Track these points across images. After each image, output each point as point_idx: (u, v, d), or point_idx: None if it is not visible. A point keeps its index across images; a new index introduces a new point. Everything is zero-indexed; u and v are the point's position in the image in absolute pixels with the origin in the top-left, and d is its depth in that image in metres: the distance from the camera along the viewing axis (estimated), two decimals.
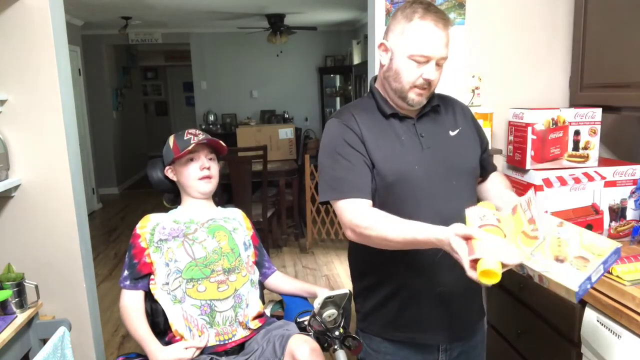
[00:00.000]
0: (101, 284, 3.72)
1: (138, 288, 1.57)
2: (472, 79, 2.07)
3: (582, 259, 1.07)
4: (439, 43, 1.19)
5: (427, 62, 1.20)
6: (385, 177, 1.24)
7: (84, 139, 5.91)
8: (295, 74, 7.60)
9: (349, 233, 1.23)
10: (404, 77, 1.22)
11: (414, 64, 1.20)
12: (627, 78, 1.67)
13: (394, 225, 1.14)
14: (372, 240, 1.19)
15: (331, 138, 1.30)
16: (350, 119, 1.29)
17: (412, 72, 1.21)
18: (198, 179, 1.62)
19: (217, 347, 1.51)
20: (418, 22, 1.19)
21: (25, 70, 1.81)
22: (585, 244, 1.10)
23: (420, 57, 1.19)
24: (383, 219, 1.17)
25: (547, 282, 1.06)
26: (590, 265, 1.05)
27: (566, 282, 1.01)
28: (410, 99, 1.24)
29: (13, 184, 1.83)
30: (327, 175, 1.28)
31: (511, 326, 1.84)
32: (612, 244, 1.09)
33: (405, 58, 1.21)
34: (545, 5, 2.06)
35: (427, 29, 1.18)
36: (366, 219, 1.18)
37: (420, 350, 1.35)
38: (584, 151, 1.73)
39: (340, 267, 4.03)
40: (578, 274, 1.03)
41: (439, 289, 1.29)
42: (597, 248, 1.09)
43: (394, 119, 1.30)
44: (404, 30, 1.21)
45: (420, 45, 1.19)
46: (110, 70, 7.19)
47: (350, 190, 1.22)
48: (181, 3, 5.21)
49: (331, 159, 1.27)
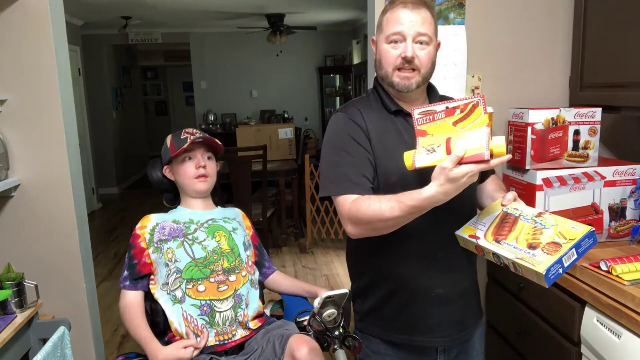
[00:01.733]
0: (101, 284, 3.72)
1: (138, 288, 1.57)
2: (472, 79, 2.07)
3: (554, 244, 1.08)
4: (411, 20, 1.22)
5: (403, 41, 1.23)
6: (387, 173, 1.25)
7: (84, 139, 5.91)
8: (295, 74, 7.60)
9: (349, 228, 1.22)
10: (385, 61, 1.26)
11: (391, 46, 1.24)
12: (627, 78, 1.67)
13: (388, 203, 1.13)
14: (371, 225, 1.17)
15: (336, 133, 1.29)
16: (357, 113, 1.29)
17: (391, 54, 1.24)
18: (194, 178, 1.62)
19: (217, 347, 1.51)
20: (390, 9, 1.26)
21: (25, 70, 1.81)
22: (559, 230, 1.12)
23: (395, 36, 1.23)
24: (375, 201, 1.16)
25: (520, 269, 1.09)
26: (561, 250, 1.06)
27: (536, 267, 1.03)
28: (396, 83, 1.26)
29: (13, 184, 1.83)
30: (330, 170, 1.27)
31: (511, 326, 1.84)
32: (585, 228, 1.10)
33: (384, 44, 1.26)
34: (545, 6, 2.06)
35: (397, 11, 1.24)
36: (361, 204, 1.17)
37: (419, 352, 1.35)
38: (584, 151, 1.73)
39: (340, 267, 4.03)
40: (548, 258, 1.05)
41: (437, 291, 1.29)
42: (571, 233, 1.10)
43: (398, 115, 1.30)
44: (381, 21, 1.28)
45: (393, 25, 1.23)
46: (110, 70, 7.19)
47: (352, 186, 1.22)
48: (181, 3, 5.21)
49: (335, 154, 1.27)
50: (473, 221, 1.24)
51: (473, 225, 1.22)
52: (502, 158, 1.04)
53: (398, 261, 1.29)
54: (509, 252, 1.10)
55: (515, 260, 1.08)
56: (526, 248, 1.10)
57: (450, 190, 1.03)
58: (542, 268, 1.03)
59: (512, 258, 1.09)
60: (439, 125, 1.11)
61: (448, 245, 1.27)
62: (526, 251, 1.09)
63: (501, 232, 1.16)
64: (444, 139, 1.08)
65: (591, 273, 1.37)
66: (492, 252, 1.13)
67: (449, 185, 1.02)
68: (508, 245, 1.12)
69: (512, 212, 1.20)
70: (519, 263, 1.07)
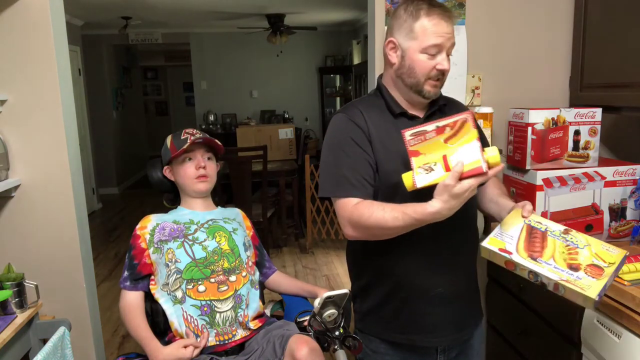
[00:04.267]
0: (101, 284, 3.72)
1: (138, 289, 1.57)
2: (472, 79, 2.07)
3: (595, 267, 1.10)
4: (447, 32, 1.22)
5: (439, 53, 1.23)
6: (388, 176, 1.24)
7: (84, 139, 5.91)
8: (295, 74, 7.60)
9: (348, 230, 1.23)
10: (419, 71, 1.24)
11: (427, 56, 1.23)
12: (627, 78, 1.67)
13: (391, 211, 1.14)
14: (371, 230, 1.19)
15: (336, 134, 1.29)
16: (358, 114, 1.28)
17: (426, 65, 1.23)
18: (194, 178, 1.62)
19: (217, 347, 1.51)
20: (425, 17, 1.21)
21: (25, 70, 1.81)
22: (595, 252, 1.14)
23: (433, 48, 1.22)
24: (378, 208, 1.17)
25: (562, 290, 1.09)
26: (604, 274, 1.09)
27: (586, 291, 1.05)
28: (427, 91, 1.26)
29: (13, 184, 1.83)
30: (329, 171, 1.28)
31: (511, 326, 1.84)
32: (621, 252, 1.14)
33: (417, 53, 1.23)
34: (545, 5, 2.06)
35: (436, 21, 1.21)
36: (364, 210, 1.18)
37: (419, 351, 1.35)
38: (584, 151, 1.73)
39: (340, 267, 4.03)
40: (595, 282, 1.07)
41: (436, 290, 1.29)
42: (608, 256, 1.13)
43: (402, 117, 1.30)
44: (412, 27, 1.23)
45: (431, 37, 1.21)
46: (110, 70, 7.19)
47: (351, 189, 1.23)
48: (181, 3, 5.21)
49: (334, 155, 1.27)
50: (497, 232, 1.20)
51: (498, 237, 1.19)
52: (497, 168, 1.07)
53: (397, 261, 1.29)
54: (551, 272, 1.10)
55: (560, 282, 1.08)
56: (567, 269, 1.10)
57: (454, 205, 1.06)
58: (593, 293, 1.04)
59: (556, 279, 1.08)
60: (431, 144, 1.13)
61: (447, 245, 1.27)
62: (569, 272, 1.09)
63: (533, 247, 1.15)
64: (438, 157, 1.10)
65: None
66: (528, 270, 1.12)
67: (453, 201, 1.05)
68: (547, 264, 1.11)
69: (536, 226, 1.19)
70: (564, 285, 1.07)
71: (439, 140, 1.12)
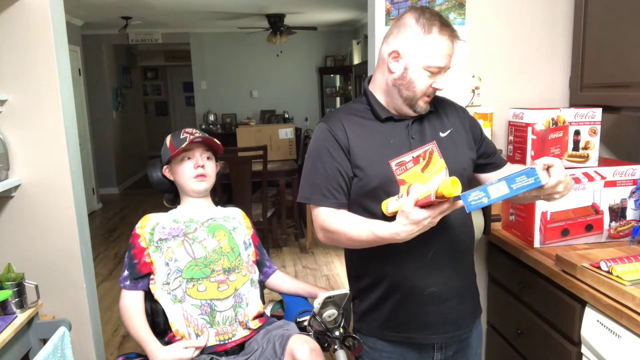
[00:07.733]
0: (101, 284, 3.72)
1: (138, 288, 1.57)
2: (472, 79, 2.07)
3: None
4: (450, 54, 1.25)
5: (439, 73, 1.25)
6: (370, 181, 1.27)
7: (84, 139, 5.91)
8: (295, 74, 7.60)
9: (320, 235, 1.33)
10: (418, 87, 1.25)
11: (427, 74, 1.24)
12: (627, 78, 1.67)
13: (358, 224, 1.22)
14: (340, 241, 1.28)
15: (315, 143, 1.35)
16: (337, 125, 1.31)
17: (425, 82, 1.25)
18: (192, 177, 1.62)
19: (217, 347, 1.51)
20: (437, 35, 1.21)
21: (26, 70, 1.81)
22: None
23: (435, 69, 1.23)
24: (348, 219, 1.25)
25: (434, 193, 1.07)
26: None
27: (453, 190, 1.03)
28: (419, 106, 1.28)
29: (13, 184, 1.83)
30: (306, 178, 1.35)
31: (511, 326, 1.84)
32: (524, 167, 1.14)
33: (420, 68, 1.23)
34: (545, 5, 2.06)
35: (445, 42, 1.22)
36: (334, 221, 1.26)
37: (416, 348, 1.37)
38: (584, 151, 1.73)
39: (340, 267, 4.03)
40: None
41: (430, 289, 1.30)
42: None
43: (388, 122, 1.31)
44: (422, 42, 1.22)
45: (438, 57, 1.22)
46: (110, 70, 7.19)
47: (322, 199, 1.29)
48: (181, 3, 5.21)
49: (312, 163, 1.33)
50: None
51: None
52: (455, 201, 1.08)
53: (391, 262, 1.31)
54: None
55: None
56: None
57: (412, 230, 1.10)
58: (459, 191, 1.04)
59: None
60: (412, 174, 1.24)
61: (437, 244, 1.29)
62: None
63: None
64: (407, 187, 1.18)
65: (591, 273, 1.37)
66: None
67: (411, 226, 1.10)
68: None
69: None
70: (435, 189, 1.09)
71: (417, 170, 1.24)
